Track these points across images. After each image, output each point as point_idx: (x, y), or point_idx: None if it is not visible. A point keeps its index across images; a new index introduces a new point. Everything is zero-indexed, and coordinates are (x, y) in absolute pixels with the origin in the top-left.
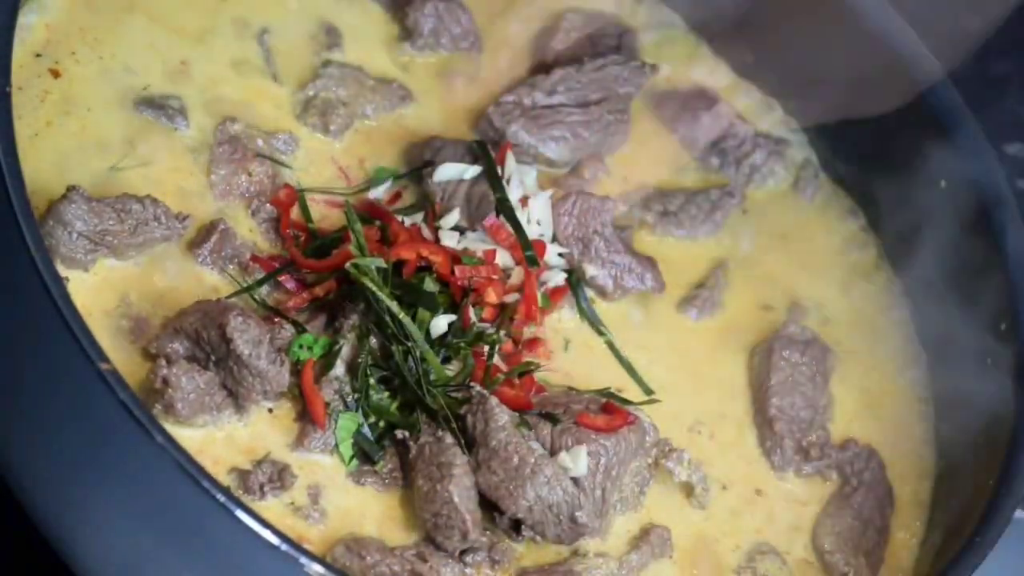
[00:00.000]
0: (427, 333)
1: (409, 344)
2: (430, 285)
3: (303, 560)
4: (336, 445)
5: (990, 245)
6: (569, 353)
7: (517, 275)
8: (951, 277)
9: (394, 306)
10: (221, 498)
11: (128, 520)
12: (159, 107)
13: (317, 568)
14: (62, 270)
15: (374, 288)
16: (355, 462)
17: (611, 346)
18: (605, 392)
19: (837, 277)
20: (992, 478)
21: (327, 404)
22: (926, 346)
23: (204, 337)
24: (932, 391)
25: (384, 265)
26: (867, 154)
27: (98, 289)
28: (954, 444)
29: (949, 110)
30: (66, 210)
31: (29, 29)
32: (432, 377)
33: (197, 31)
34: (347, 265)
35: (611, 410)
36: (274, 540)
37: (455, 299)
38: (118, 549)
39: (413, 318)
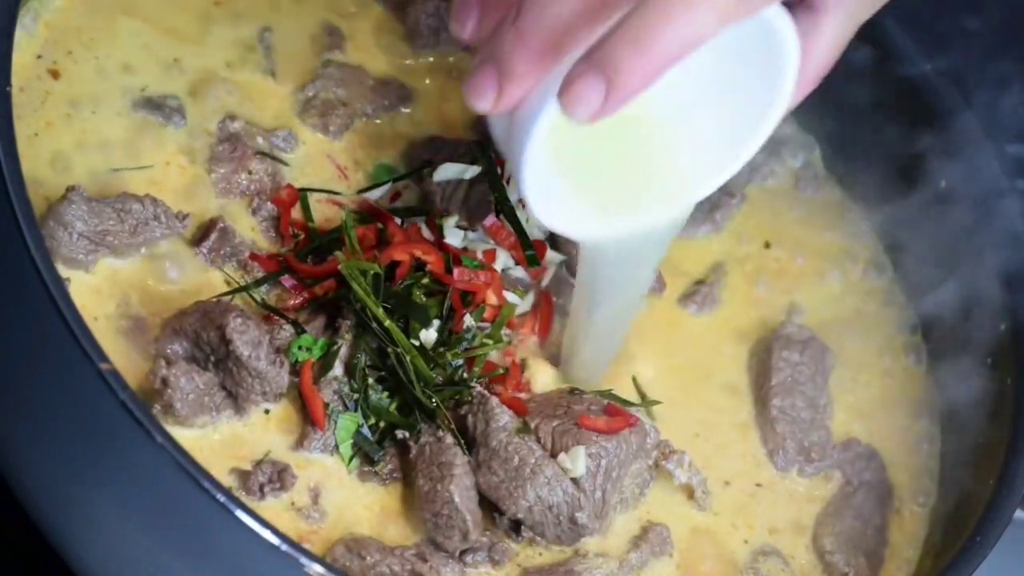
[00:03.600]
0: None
1: (399, 349)
2: (420, 298)
3: (303, 560)
4: (336, 446)
5: (990, 245)
6: None
7: (527, 303)
8: (951, 276)
9: (380, 312)
10: (221, 498)
11: (128, 520)
12: (157, 106)
13: (317, 568)
14: (63, 271)
15: (363, 295)
16: (355, 462)
17: None
18: (606, 393)
19: (836, 276)
20: (992, 478)
21: (327, 405)
22: (926, 345)
23: (203, 338)
24: (932, 391)
25: (378, 270)
26: (867, 154)
27: (99, 289)
28: (954, 444)
29: (949, 110)
30: (66, 210)
31: (31, 30)
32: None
33: (196, 30)
34: (340, 266)
35: (612, 412)
36: (274, 540)
37: (453, 302)
38: (118, 549)
39: (408, 323)
